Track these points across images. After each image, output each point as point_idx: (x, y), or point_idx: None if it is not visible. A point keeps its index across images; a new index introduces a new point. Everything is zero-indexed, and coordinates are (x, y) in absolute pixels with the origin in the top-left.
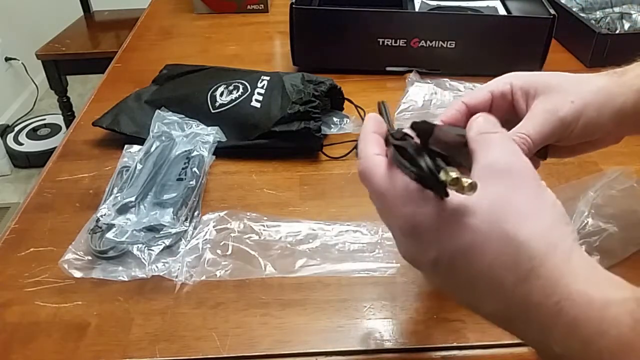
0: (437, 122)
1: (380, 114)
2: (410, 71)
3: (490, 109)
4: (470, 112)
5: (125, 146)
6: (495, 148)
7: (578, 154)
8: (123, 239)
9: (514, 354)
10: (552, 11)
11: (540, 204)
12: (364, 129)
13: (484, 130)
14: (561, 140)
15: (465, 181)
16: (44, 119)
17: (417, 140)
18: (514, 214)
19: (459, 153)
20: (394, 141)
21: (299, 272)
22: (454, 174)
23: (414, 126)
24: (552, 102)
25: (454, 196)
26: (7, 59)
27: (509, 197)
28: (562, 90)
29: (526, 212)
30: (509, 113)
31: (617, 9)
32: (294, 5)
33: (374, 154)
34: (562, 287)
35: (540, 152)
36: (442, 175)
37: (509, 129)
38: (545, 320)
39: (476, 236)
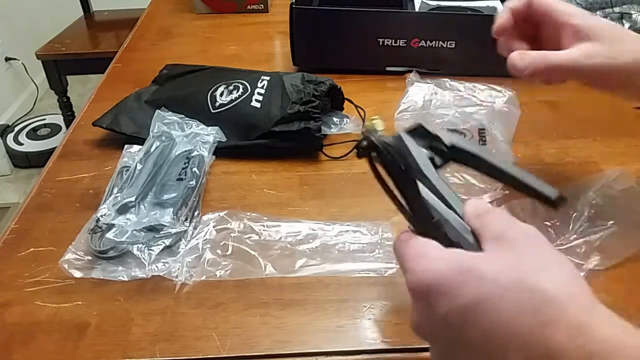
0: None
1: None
2: (410, 71)
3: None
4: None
5: (125, 146)
6: (498, 222)
7: None
8: (123, 239)
9: None
10: None
11: (556, 258)
12: None
13: (480, 211)
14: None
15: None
16: (44, 119)
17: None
18: (531, 266)
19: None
20: None
21: (299, 272)
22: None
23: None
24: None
25: (466, 256)
26: (7, 59)
27: (525, 253)
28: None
29: (543, 264)
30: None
31: (617, 9)
32: (294, 5)
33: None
34: (587, 331)
35: (552, 202)
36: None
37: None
38: None
39: (491, 288)
